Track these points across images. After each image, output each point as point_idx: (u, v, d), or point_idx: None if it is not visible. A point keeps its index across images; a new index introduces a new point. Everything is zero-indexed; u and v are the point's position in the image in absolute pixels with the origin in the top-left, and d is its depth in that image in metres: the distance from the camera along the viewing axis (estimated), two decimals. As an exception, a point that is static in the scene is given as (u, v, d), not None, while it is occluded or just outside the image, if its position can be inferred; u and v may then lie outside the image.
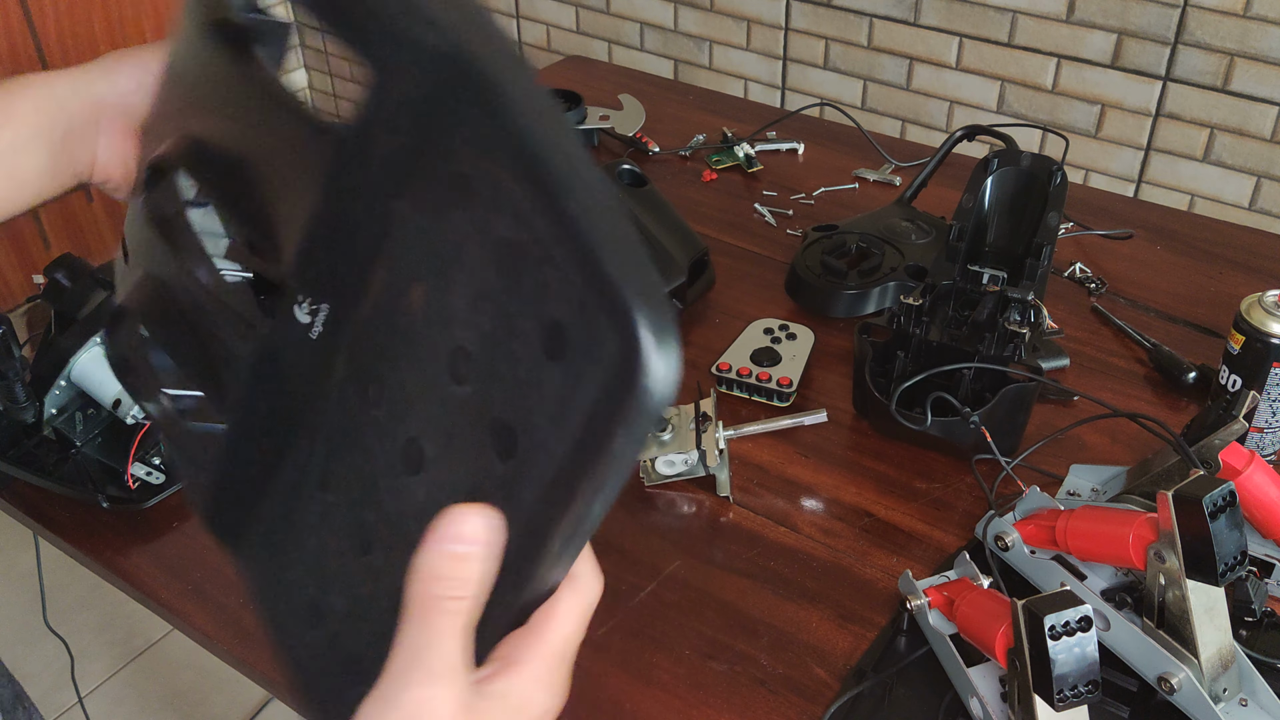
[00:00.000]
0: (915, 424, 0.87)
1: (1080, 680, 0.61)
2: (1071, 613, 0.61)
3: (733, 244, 1.23)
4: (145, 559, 0.87)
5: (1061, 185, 1.03)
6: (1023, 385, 0.87)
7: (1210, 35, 1.68)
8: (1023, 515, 0.78)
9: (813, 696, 0.74)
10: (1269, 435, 0.89)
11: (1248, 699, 0.67)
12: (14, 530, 1.03)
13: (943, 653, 0.73)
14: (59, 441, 0.91)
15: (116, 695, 1.87)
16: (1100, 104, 1.84)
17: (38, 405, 0.89)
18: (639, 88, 1.55)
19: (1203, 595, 0.65)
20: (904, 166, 1.36)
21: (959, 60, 1.94)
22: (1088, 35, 1.79)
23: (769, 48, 2.16)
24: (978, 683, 0.69)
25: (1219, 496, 0.63)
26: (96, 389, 0.89)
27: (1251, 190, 1.77)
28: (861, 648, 0.77)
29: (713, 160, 1.38)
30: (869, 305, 1.09)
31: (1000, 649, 0.66)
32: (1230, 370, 0.87)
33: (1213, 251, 1.20)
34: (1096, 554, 0.72)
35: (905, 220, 1.18)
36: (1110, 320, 1.08)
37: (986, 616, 0.68)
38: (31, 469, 0.89)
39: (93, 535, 0.89)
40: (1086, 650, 0.61)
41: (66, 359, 0.88)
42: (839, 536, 0.86)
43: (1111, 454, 0.93)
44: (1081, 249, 1.20)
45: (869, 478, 0.92)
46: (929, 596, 0.74)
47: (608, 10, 2.34)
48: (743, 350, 1.02)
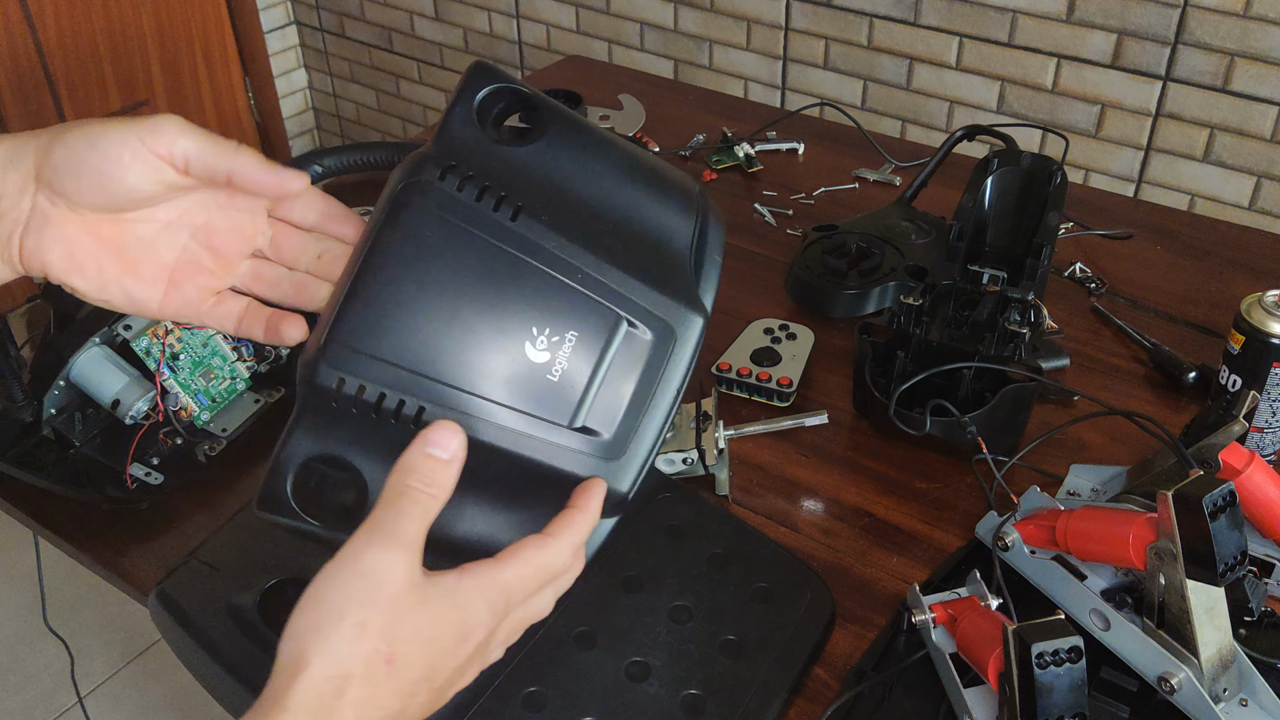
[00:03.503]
0: (914, 428, 0.87)
1: (1068, 710, 0.61)
2: (1061, 642, 0.61)
3: (733, 244, 1.23)
4: (145, 559, 0.87)
5: (1061, 185, 1.03)
6: (1023, 385, 0.87)
7: (1210, 35, 1.68)
8: (1023, 515, 0.78)
9: (812, 696, 0.74)
10: (1269, 435, 0.89)
11: (1248, 699, 0.67)
12: (14, 530, 1.03)
13: (942, 670, 0.73)
14: (58, 441, 0.91)
15: (116, 695, 1.87)
16: (1100, 104, 1.84)
17: (36, 405, 0.89)
18: (639, 88, 1.55)
19: (1203, 595, 0.65)
20: (904, 166, 1.36)
21: (959, 60, 1.94)
22: (1088, 35, 1.79)
23: (769, 48, 2.15)
24: (973, 704, 0.69)
25: (1219, 496, 0.63)
26: (95, 389, 0.89)
27: (1251, 190, 1.77)
28: (861, 648, 0.77)
29: (713, 160, 1.38)
30: (869, 305, 1.09)
31: (993, 672, 0.66)
32: (1230, 370, 0.87)
33: (1213, 251, 1.20)
34: (1096, 554, 0.71)
35: (905, 220, 1.18)
36: (1110, 320, 1.08)
37: (983, 639, 0.68)
38: (30, 469, 0.89)
39: (92, 535, 0.89)
40: (1075, 680, 0.61)
41: (66, 359, 0.88)
42: (839, 536, 0.86)
43: (1111, 454, 0.93)
44: (1081, 249, 1.20)
45: (869, 478, 0.92)
46: (934, 613, 0.74)
47: (608, 10, 2.34)
48: (743, 350, 1.02)
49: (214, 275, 0.57)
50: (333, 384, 0.48)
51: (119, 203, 0.53)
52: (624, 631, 0.74)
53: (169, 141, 0.51)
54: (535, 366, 0.50)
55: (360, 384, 0.48)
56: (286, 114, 3.01)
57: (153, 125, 0.51)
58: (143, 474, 0.89)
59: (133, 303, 0.55)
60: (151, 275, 0.55)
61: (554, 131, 0.53)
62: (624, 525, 0.80)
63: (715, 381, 1.00)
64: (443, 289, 0.49)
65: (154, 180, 0.52)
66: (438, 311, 0.49)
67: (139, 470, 0.89)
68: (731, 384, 0.99)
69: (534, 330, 0.50)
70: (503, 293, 0.50)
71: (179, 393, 0.92)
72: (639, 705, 0.70)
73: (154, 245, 0.55)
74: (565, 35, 2.45)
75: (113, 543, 0.88)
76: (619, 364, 0.51)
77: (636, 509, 0.83)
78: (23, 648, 1.96)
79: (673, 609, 0.76)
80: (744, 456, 0.94)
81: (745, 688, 0.71)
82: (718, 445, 0.89)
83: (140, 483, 0.89)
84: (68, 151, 0.51)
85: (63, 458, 0.91)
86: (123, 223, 0.54)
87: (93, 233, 0.53)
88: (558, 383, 0.50)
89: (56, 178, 0.51)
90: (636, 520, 0.82)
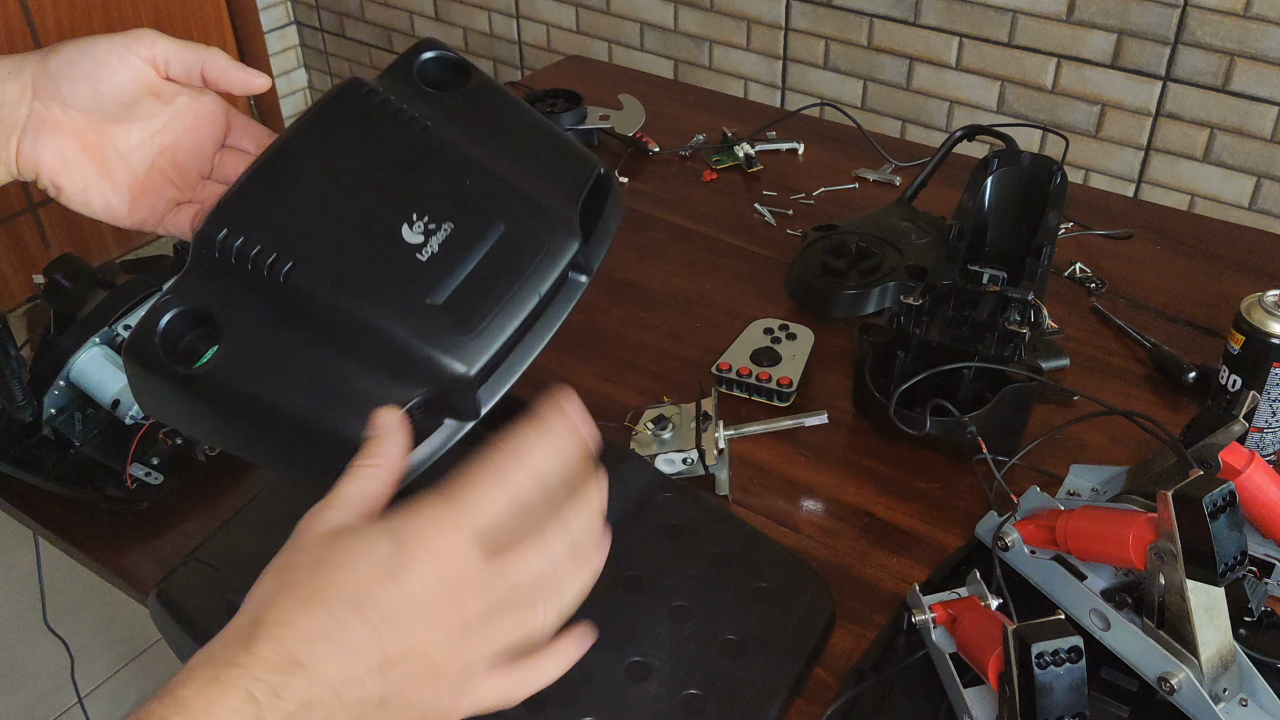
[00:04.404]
0: (914, 428, 0.87)
1: (1068, 711, 0.61)
2: (1061, 642, 0.60)
3: (733, 244, 1.23)
4: (145, 559, 0.87)
5: (1061, 185, 1.03)
6: (1023, 385, 0.87)
7: (1210, 35, 1.68)
8: (1023, 515, 0.78)
9: (812, 696, 0.74)
10: (1269, 435, 0.89)
11: (1248, 699, 0.67)
12: (14, 530, 1.03)
13: (942, 670, 0.73)
14: (58, 441, 0.91)
15: (116, 695, 1.87)
16: (1100, 104, 1.84)
17: (36, 405, 0.89)
18: (639, 88, 1.55)
19: (1203, 595, 0.65)
20: (904, 166, 1.36)
21: (959, 60, 1.94)
22: (1088, 35, 1.79)
23: (769, 48, 2.16)
24: (973, 704, 0.69)
25: (1219, 496, 0.63)
26: (95, 389, 0.89)
27: (1251, 190, 1.77)
28: (861, 648, 0.77)
29: (713, 160, 1.38)
30: (869, 305, 1.09)
31: (993, 672, 0.66)
32: (1230, 370, 0.87)
33: (1213, 251, 1.20)
34: (1096, 554, 0.71)
35: (905, 220, 1.18)
36: (1110, 320, 1.08)
37: (983, 639, 0.68)
38: (30, 469, 0.89)
39: (92, 535, 0.89)
40: (1075, 680, 0.61)
41: (66, 359, 0.88)
42: (839, 536, 0.86)
43: (1111, 454, 0.93)
44: (1081, 249, 1.20)
45: (869, 478, 0.92)
46: (934, 613, 0.74)
47: (608, 10, 2.34)
48: (743, 350, 1.02)
49: (176, 189, 0.65)
50: (218, 234, 0.52)
51: (106, 104, 0.61)
52: (624, 631, 0.74)
53: (149, 44, 0.61)
54: (407, 246, 0.54)
55: (241, 237, 0.52)
56: (286, 114, 3.01)
57: (135, 33, 0.61)
58: (143, 474, 0.89)
59: (107, 208, 0.64)
60: (125, 183, 0.64)
61: (475, 85, 0.61)
62: (624, 525, 0.81)
63: (715, 381, 1.00)
64: (340, 172, 0.55)
65: (138, 83, 0.61)
66: (328, 187, 0.55)
67: (139, 470, 0.89)
68: (731, 384, 0.99)
69: (414, 215, 0.54)
70: (392, 179, 0.55)
71: (179, 393, 0.92)
72: (639, 705, 0.70)
73: (129, 157, 0.64)
74: (565, 35, 2.45)
75: (113, 543, 0.88)
76: (488, 261, 0.55)
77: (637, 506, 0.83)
78: (23, 648, 1.96)
79: (673, 609, 0.76)
80: (744, 456, 0.94)
81: (745, 688, 0.71)
82: (718, 445, 0.89)
83: (140, 483, 0.89)
84: (62, 60, 0.60)
85: (63, 458, 0.91)
86: (106, 133, 0.62)
87: (80, 139, 0.62)
88: (425, 263, 0.54)
89: (52, 83, 0.60)
90: (636, 520, 0.82)
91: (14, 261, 2.51)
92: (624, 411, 0.96)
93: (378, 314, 0.52)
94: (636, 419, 0.93)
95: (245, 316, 0.53)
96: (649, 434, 0.90)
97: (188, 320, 0.54)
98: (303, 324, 0.53)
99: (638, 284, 1.16)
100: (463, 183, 0.56)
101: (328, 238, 0.53)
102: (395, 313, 0.52)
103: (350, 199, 0.55)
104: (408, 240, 0.54)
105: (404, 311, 0.53)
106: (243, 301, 0.53)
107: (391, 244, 0.54)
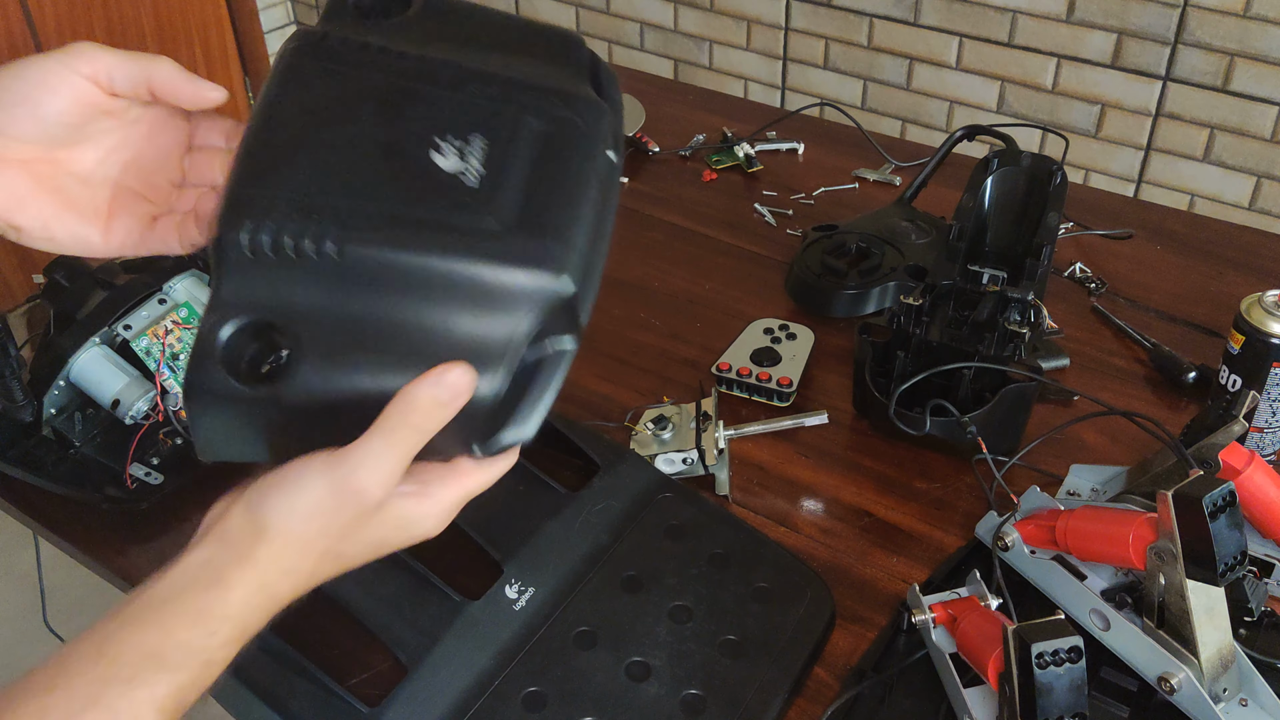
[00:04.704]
0: (914, 428, 0.87)
1: (1068, 711, 0.61)
2: (1061, 642, 0.60)
3: (733, 244, 1.23)
4: (145, 559, 0.87)
5: (1061, 185, 1.03)
6: (1023, 385, 0.87)
7: (1210, 35, 1.68)
8: (1023, 515, 0.78)
9: (812, 696, 0.74)
10: (1269, 435, 0.89)
11: (1248, 699, 0.67)
12: (14, 530, 1.03)
13: (942, 670, 0.73)
14: (58, 441, 0.91)
15: (116, 695, 1.87)
16: (1100, 104, 1.84)
17: (36, 405, 0.89)
18: (639, 88, 1.55)
19: (1203, 595, 0.65)
20: (904, 166, 1.36)
21: (959, 60, 1.94)
22: (1088, 35, 1.79)
23: (769, 48, 2.16)
24: (973, 704, 0.69)
25: (1219, 496, 0.63)
26: (95, 389, 0.89)
27: (1251, 190, 1.77)
28: (861, 648, 0.77)
29: (713, 160, 1.38)
30: (869, 305, 1.09)
31: (993, 672, 0.66)
32: (1230, 370, 0.87)
33: (1213, 251, 1.20)
34: (1096, 554, 0.71)
35: (905, 220, 1.18)
36: (1110, 320, 1.08)
37: (983, 639, 0.68)
38: (30, 469, 0.89)
39: (92, 535, 0.88)
40: (1075, 680, 0.61)
41: (65, 359, 0.88)
42: (839, 536, 0.86)
43: (1111, 454, 0.93)
44: (1081, 249, 1.20)
45: (869, 478, 0.92)
46: (934, 613, 0.74)
47: (608, 10, 2.35)
48: (743, 350, 1.02)
49: (150, 204, 0.59)
50: (241, 233, 0.46)
51: (52, 129, 0.55)
52: (624, 631, 0.74)
53: (89, 59, 0.54)
54: (447, 175, 0.48)
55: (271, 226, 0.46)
56: (286, 114, 3.01)
57: (73, 49, 0.54)
58: (143, 474, 0.89)
59: (77, 240, 0.57)
60: (91, 211, 0.57)
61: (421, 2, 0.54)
62: (624, 525, 0.81)
63: (715, 381, 1.00)
64: (338, 124, 0.49)
65: (82, 103, 0.54)
66: (334, 144, 0.49)
67: (139, 470, 0.89)
68: (731, 384, 0.99)
69: (438, 141, 0.49)
70: (396, 114, 0.50)
71: (179, 392, 0.92)
72: (639, 705, 0.70)
73: (89, 182, 0.57)
74: (565, 35, 2.45)
75: (113, 543, 0.88)
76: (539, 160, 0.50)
77: (637, 506, 0.83)
78: (23, 648, 1.96)
79: (673, 609, 0.76)
80: (744, 456, 0.94)
81: (745, 688, 0.71)
82: (718, 445, 0.89)
83: (140, 483, 0.89)
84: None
85: (63, 458, 0.91)
86: (57, 161, 0.56)
87: (30, 171, 0.55)
88: (476, 188, 0.48)
89: None
90: (636, 520, 0.82)
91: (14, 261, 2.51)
92: (624, 411, 0.96)
93: (456, 255, 0.47)
94: (636, 419, 0.93)
95: (308, 310, 0.47)
96: (649, 434, 0.90)
97: (245, 337, 0.48)
98: (374, 295, 0.47)
99: (638, 284, 1.16)
100: (469, 93, 0.50)
101: (362, 194, 0.47)
102: (473, 246, 0.47)
103: (363, 147, 0.49)
104: (445, 169, 0.48)
105: (481, 241, 0.47)
106: (298, 295, 0.47)
107: (430, 177, 0.48)
